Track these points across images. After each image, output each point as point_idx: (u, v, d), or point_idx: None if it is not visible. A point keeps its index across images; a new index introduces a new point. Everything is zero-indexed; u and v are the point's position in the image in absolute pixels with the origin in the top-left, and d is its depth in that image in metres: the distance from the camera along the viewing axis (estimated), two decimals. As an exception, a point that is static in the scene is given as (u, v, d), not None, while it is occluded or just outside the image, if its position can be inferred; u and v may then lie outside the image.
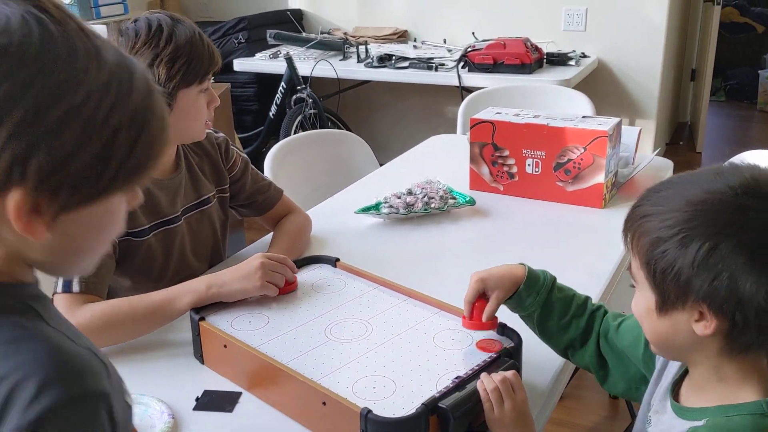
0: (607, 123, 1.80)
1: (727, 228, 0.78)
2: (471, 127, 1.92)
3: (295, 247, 1.60)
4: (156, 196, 1.46)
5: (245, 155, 1.69)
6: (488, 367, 1.04)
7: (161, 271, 1.48)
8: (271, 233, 1.67)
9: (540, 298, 1.11)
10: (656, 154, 2.11)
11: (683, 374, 0.94)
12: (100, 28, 2.55)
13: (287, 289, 1.32)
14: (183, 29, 1.38)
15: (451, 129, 2.86)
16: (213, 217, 1.60)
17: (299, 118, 3.69)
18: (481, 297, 1.11)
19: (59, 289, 1.29)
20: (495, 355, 1.07)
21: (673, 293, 0.82)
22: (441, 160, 2.27)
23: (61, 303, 1.28)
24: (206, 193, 1.57)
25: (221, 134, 1.63)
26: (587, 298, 1.15)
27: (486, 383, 0.99)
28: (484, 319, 1.10)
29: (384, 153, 2.79)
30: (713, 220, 0.78)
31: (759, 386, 0.84)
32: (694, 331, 0.82)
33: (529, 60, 3.40)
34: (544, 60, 3.58)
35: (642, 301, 0.87)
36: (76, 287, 1.29)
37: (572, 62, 3.57)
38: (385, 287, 1.32)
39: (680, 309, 0.82)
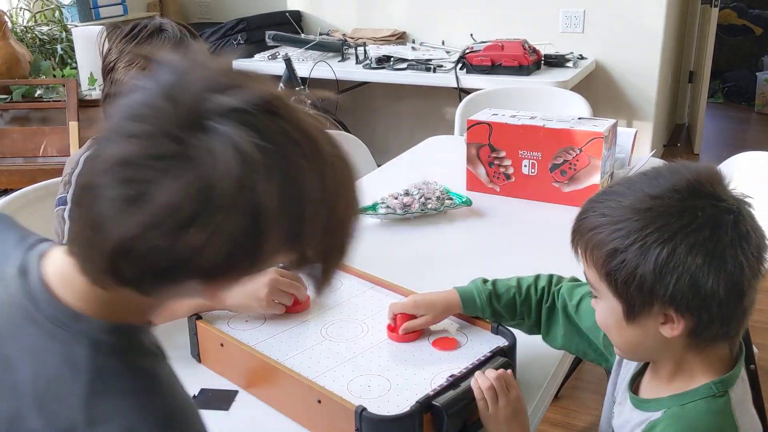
0: (602, 124, 1.81)
1: (680, 231, 0.79)
2: (468, 129, 1.93)
3: None
4: None
5: None
6: (482, 365, 1.05)
7: None
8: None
9: (486, 314, 1.16)
10: (652, 155, 2.12)
11: (643, 367, 0.96)
12: (100, 30, 2.54)
13: (297, 309, 1.25)
14: (161, 38, 1.33)
15: (449, 130, 2.87)
16: None
17: (298, 119, 3.69)
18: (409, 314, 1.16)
19: None
20: (489, 354, 1.08)
21: (638, 301, 0.83)
22: (438, 161, 2.28)
23: None
24: None
25: None
26: (529, 287, 1.16)
27: (480, 381, 1.00)
28: (400, 331, 1.14)
29: (382, 154, 2.79)
30: (666, 224, 0.80)
31: (716, 371, 0.87)
32: (661, 333, 0.84)
33: (527, 62, 3.41)
34: (542, 62, 3.59)
35: (608, 312, 0.88)
36: None
37: (570, 64, 3.58)
38: (381, 287, 1.33)
39: (647, 315, 0.84)
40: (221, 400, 1.13)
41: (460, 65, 3.53)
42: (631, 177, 0.88)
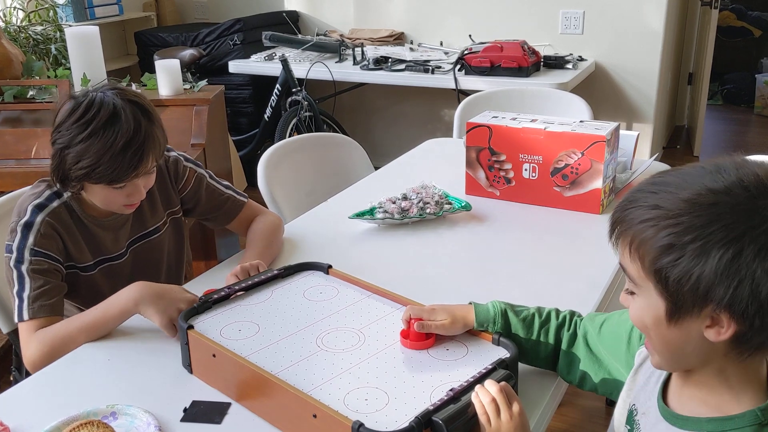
0: (605, 128, 1.77)
1: (748, 232, 0.73)
2: (467, 131, 1.90)
3: (271, 248, 1.58)
4: (98, 236, 1.47)
5: (202, 171, 1.61)
6: (483, 378, 1.02)
7: None
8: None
9: (497, 324, 1.13)
10: (654, 159, 2.09)
11: (669, 374, 0.91)
12: (93, 29, 2.48)
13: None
14: (114, 131, 1.30)
15: (448, 132, 2.84)
16: (164, 243, 1.59)
17: (294, 120, 3.66)
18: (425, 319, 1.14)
19: (16, 318, 1.33)
20: (490, 367, 1.04)
21: (689, 301, 0.77)
22: (437, 164, 2.24)
23: (21, 333, 1.33)
24: (155, 223, 1.56)
25: (173, 153, 1.57)
26: (550, 311, 1.15)
27: (481, 395, 0.96)
28: (414, 327, 1.12)
29: (380, 157, 2.76)
30: (733, 223, 0.74)
31: (757, 393, 0.82)
32: (704, 337, 0.78)
33: (527, 63, 3.38)
34: (542, 63, 3.56)
35: (647, 309, 0.82)
36: (26, 315, 1.32)
37: (569, 65, 3.55)
38: (378, 295, 1.29)
39: (693, 317, 0.78)
40: (213, 412, 1.10)
41: (458, 66, 3.50)
42: (683, 169, 0.81)
